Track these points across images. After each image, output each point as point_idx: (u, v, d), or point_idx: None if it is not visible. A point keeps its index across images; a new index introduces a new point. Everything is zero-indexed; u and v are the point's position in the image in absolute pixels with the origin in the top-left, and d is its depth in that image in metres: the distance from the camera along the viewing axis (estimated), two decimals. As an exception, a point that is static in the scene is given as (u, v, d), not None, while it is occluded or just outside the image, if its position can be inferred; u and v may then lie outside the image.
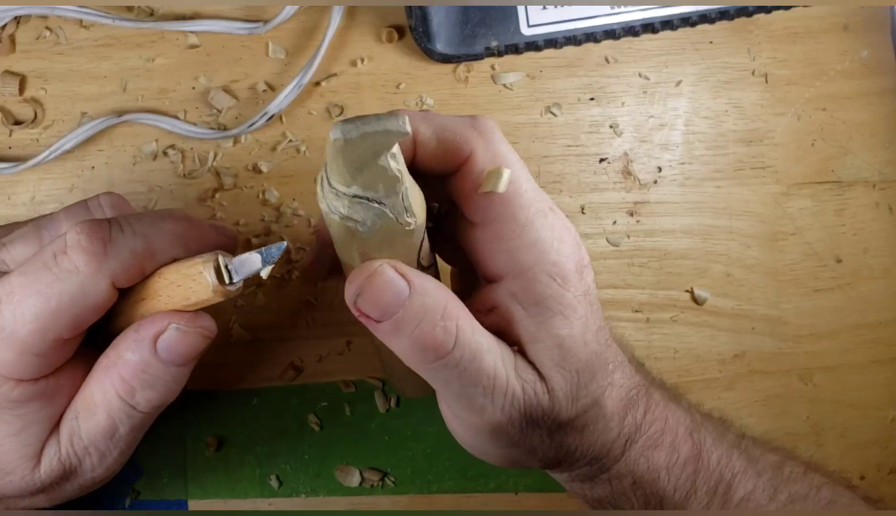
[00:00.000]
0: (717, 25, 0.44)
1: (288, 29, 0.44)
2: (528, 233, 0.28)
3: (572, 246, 0.29)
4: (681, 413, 0.33)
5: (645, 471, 0.31)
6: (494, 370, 0.27)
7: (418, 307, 0.26)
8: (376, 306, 0.26)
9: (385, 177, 0.25)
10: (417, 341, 0.27)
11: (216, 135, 0.43)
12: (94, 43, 0.43)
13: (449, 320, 0.27)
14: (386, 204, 0.25)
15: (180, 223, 0.30)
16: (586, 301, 0.29)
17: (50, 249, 0.28)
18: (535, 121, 0.45)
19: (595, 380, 0.29)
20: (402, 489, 0.42)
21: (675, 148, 0.45)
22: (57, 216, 0.31)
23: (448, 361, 0.27)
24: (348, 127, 0.24)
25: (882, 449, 0.46)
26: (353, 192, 0.25)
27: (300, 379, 0.43)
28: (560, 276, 0.28)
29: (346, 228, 0.26)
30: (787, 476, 0.33)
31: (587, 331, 0.29)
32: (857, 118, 0.46)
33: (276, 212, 0.43)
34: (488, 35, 0.42)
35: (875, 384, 0.46)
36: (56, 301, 0.27)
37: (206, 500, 0.42)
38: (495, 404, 0.28)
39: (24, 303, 0.27)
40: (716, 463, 0.32)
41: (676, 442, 0.31)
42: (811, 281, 0.46)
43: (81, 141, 0.42)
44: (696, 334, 0.45)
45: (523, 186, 0.28)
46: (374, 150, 0.24)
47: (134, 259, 0.28)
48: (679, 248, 0.45)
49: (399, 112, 0.24)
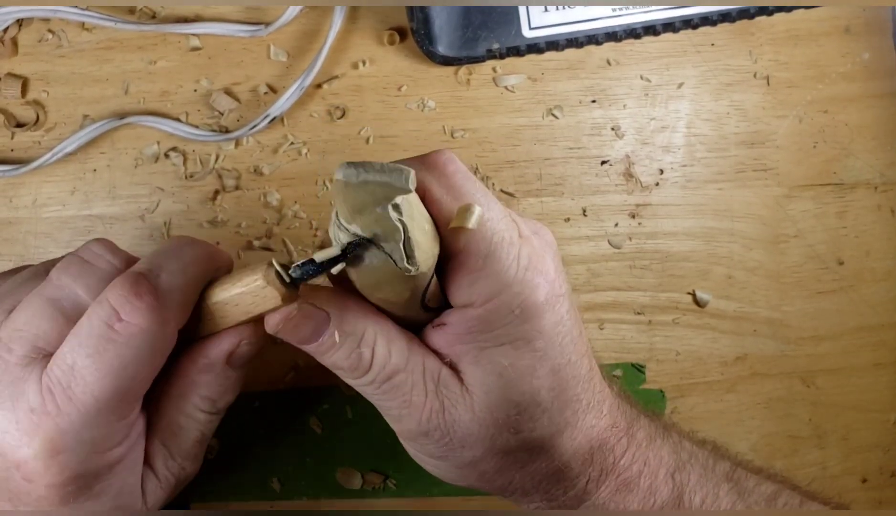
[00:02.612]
0: (719, 28, 0.44)
1: (289, 31, 0.44)
2: (491, 264, 0.27)
3: (545, 274, 0.28)
4: (665, 452, 0.32)
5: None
6: (410, 389, 0.29)
7: (336, 336, 0.28)
8: (294, 337, 0.28)
9: (384, 225, 0.24)
10: (335, 364, 0.29)
11: (218, 138, 0.43)
12: (96, 45, 0.43)
13: (366, 347, 0.28)
14: (384, 247, 0.25)
15: (196, 247, 0.30)
16: (552, 334, 0.28)
17: (98, 319, 0.27)
18: (537, 123, 0.45)
19: (546, 416, 0.29)
20: (403, 492, 0.42)
21: (677, 150, 0.45)
22: (61, 279, 0.29)
23: (364, 380, 0.29)
24: (351, 171, 0.24)
25: (884, 453, 0.46)
26: (353, 230, 0.25)
27: (302, 381, 0.43)
28: (521, 308, 0.28)
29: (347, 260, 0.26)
30: (780, 509, 0.32)
31: (540, 365, 0.28)
32: (859, 120, 0.46)
33: (278, 215, 0.43)
34: (490, 37, 0.42)
35: (877, 387, 0.46)
36: (133, 367, 0.27)
37: (208, 503, 0.41)
38: (411, 417, 0.29)
39: (100, 382, 0.27)
40: (699, 504, 0.31)
41: (655, 485, 0.31)
42: (813, 283, 0.46)
43: (83, 143, 0.42)
44: (698, 336, 0.45)
45: (485, 216, 0.27)
46: (374, 199, 0.24)
47: (185, 296, 0.29)
48: (681, 251, 0.45)
49: (406, 166, 0.24)
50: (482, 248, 0.27)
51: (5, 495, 0.27)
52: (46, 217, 0.43)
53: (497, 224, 0.28)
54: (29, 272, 0.31)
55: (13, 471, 0.27)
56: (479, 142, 0.44)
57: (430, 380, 0.29)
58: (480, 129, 0.44)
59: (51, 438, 0.26)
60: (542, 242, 0.29)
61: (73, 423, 0.27)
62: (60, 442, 0.26)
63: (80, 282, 0.28)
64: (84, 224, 0.43)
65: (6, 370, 0.27)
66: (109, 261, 0.30)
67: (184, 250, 0.30)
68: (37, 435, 0.26)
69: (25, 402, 0.26)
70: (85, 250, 0.30)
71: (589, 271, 0.44)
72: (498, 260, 0.27)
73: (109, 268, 0.29)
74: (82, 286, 0.28)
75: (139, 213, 0.43)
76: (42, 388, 0.26)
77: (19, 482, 0.27)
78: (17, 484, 0.27)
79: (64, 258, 0.30)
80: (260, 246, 0.43)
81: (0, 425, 0.27)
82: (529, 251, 0.28)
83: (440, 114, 0.44)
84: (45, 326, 0.27)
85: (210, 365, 0.31)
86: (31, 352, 0.27)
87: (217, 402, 0.32)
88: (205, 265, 0.30)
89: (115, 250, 0.30)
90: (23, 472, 0.27)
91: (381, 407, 0.30)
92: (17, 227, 0.43)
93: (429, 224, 0.27)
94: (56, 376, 0.27)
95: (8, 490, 0.27)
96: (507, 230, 0.28)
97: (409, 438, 0.30)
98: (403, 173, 0.24)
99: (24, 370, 0.27)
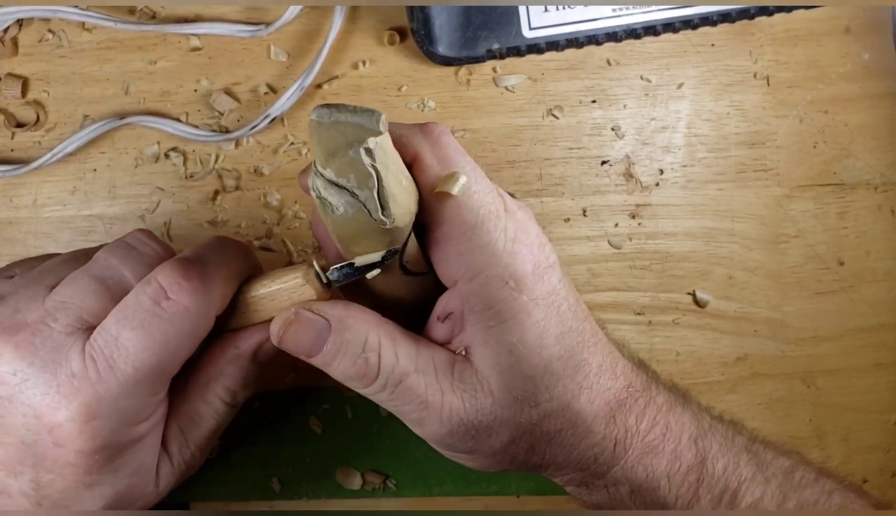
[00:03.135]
0: (719, 28, 0.44)
1: (290, 32, 0.44)
2: (479, 235, 0.28)
3: (530, 246, 0.28)
4: (686, 418, 0.32)
5: (644, 480, 0.31)
6: (425, 389, 0.29)
7: (339, 344, 0.28)
8: (298, 347, 0.29)
9: (357, 170, 0.25)
10: (343, 373, 0.29)
11: (218, 138, 0.43)
12: (97, 45, 0.43)
13: (371, 351, 0.28)
14: (358, 195, 0.25)
15: (237, 245, 0.32)
16: (547, 303, 0.29)
17: (146, 297, 0.28)
18: (537, 123, 0.45)
19: (561, 384, 0.29)
20: (403, 492, 0.42)
21: (677, 150, 0.45)
22: (108, 260, 0.30)
23: (375, 387, 0.29)
24: (324, 111, 0.24)
25: (885, 453, 0.46)
26: (328, 176, 0.25)
27: (302, 382, 0.43)
28: (514, 279, 0.28)
29: (323, 209, 0.26)
30: (798, 482, 0.32)
31: (545, 335, 0.28)
32: (859, 121, 0.46)
33: (278, 215, 0.43)
34: (490, 38, 0.42)
35: (878, 387, 0.46)
36: (174, 344, 0.28)
37: (208, 503, 0.41)
38: (432, 418, 0.29)
39: (141, 354, 0.28)
40: (721, 472, 0.31)
41: (679, 450, 0.31)
42: (813, 283, 0.46)
43: (84, 143, 0.42)
44: (699, 337, 0.45)
45: (472, 188, 0.28)
46: (346, 140, 0.24)
47: (227, 286, 0.30)
48: (681, 251, 0.45)
49: (380, 111, 0.24)
50: (469, 219, 0.28)
51: (29, 460, 0.28)
52: (47, 217, 0.43)
53: (484, 196, 0.28)
54: (68, 255, 0.32)
55: (44, 434, 0.27)
56: (480, 142, 0.44)
57: (444, 376, 0.29)
58: (481, 129, 0.44)
59: (88, 403, 0.27)
60: (525, 216, 0.29)
61: (111, 391, 0.27)
62: (97, 408, 0.27)
63: (126, 265, 0.30)
64: (84, 224, 0.43)
65: (50, 336, 0.28)
66: (154, 248, 0.31)
67: (227, 246, 0.32)
68: (75, 399, 0.27)
69: (68, 367, 0.27)
70: (131, 237, 0.32)
71: (589, 271, 0.44)
72: (486, 231, 0.28)
73: (154, 254, 0.31)
74: (128, 268, 0.30)
75: (139, 213, 0.43)
76: (85, 356, 0.27)
77: (48, 446, 0.28)
78: (46, 447, 0.28)
79: (110, 243, 0.31)
80: (260, 246, 0.43)
81: (40, 387, 0.27)
82: (515, 224, 0.28)
83: (440, 114, 0.44)
84: (91, 300, 0.28)
85: (240, 355, 0.32)
86: (76, 322, 0.28)
87: (238, 395, 0.33)
88: (244, 262, 0.32)
89: (159, 240, 0.32)
90: (55, 436, 0.27)
91: (401, 414, 0.30)
92: (17, 227, 0.43)
93: (407, 180, 0.27)
94: (99, 345, 0.28)
95: (34, 453, 0.28)
96: (493, 203, 0.28)
97: (436, 440, 0.30)
98: (374, 115, 0.24)
99: (68, 338, 0.28)
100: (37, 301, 0.29)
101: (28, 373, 0.27)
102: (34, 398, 0.27)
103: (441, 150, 0.28)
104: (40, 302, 0.28)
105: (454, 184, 0.27)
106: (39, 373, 0.27)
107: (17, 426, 0.27)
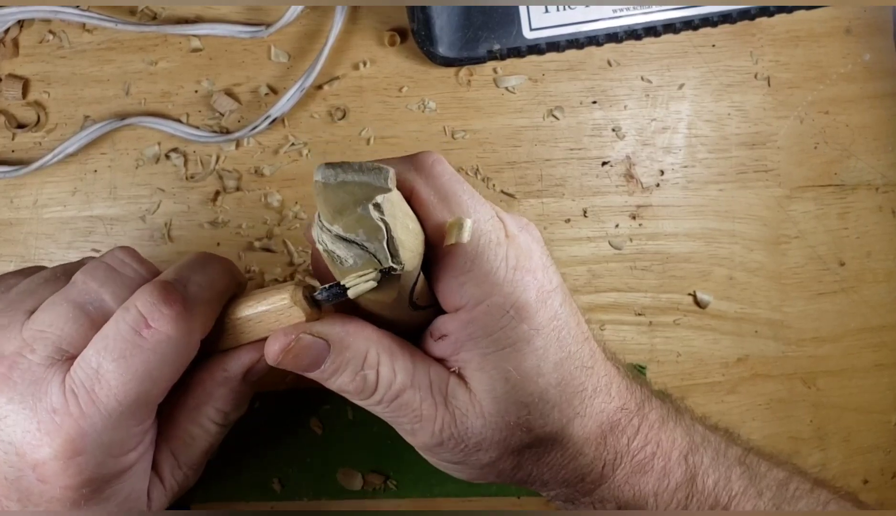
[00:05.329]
0: (720, 29, 0.44)
1: (290, 32, 0.44)
2: (479, 265, 0.27)
3: (533, 272, 0.28)
4: (678, 433, 0.32)
5: (630, 498, 0.31)
6: (420, 403, 0.29)
7: (338, 363, 0.28)
8: (296, 367, 0.28)
9: (367, 225, 0.24)
10: (341, 388, 0.29)
11: (219, 139, 0.43)
12: (97, 46, 0.43)
13: (369, 369, 0.28)
14: (368, 247, 0.25)
15: (220, 262, 0.31)
16: (548, 330, 0.28)
17: (126, 325, 0.27)
18: (538, 124, 0.45)
19: (556, 410, 0.29)
20: (404, 492, 0.42)
21: (678, 151, 0.45)
22: (87, 284, 0.29)
23: (372, 401, 0.29)
24: (329, 172, 0.24)
25: (886, 454, 0.46)
26: (336, 232, 0.25)
27: (302, 382, 0.43)
28: (514, 308, 0.27)
29: (331, 262, 0.26)
30: (792, 493, 0.32)
31: (543, 362, 0.28)
32: (860, 121, 0.46)
33: (279, 216, 0.43)
34: (490, 38, 0.42)
35: (878, 388, 0.46)
36: (157, 373, 0.28)
37: (208, 503, 0.41)
38: (424, 430, 0.29)
39: (124, 386, 0.27)
40: (711, 487, 0.31)
41: (668, 467, 0.31)
42: (814, 284, 0.46)
43: (84, 144, 0.42)
44: (699, 338, 0.45)
45: (471, 218, 0.27)
46: (354, 199, 0.24)
47: (211, 308, 0.29)
48: (682, 252, 0.45)
49: (386, 165, 0.24)
50: (469, 250, 0.27)
51: (14, 495, 0.27)
52: (47, 218, 0.43)
53: (484, 225, 0.28)
54: (48, 273, 0.31)
55: (28, 471, 0.27)
56: (480, 143, 0.44)
57: (438, 392, 0.29)
58: (481, 129, 0.44)
59: (72, 439, 0.26)
60: (528, 238, 0.29)
61: (94, 426, 0.27)
62: (81, 444, 0.27)
63: (106, 288, 0.28)
64: (85, 225, 0.43)
65: (28, 369, 0.27)
66: (135, 270, 0.30)
67: (210, 264, 0.30)
68: (58, 436, 0.26)
69: (48, 403, 0.26)
70: (110, 257, 0.30)
71: (589, 272, 0.44)
72: (486, 261, 0.27)
73: (135, 276, 0.29)
74: (108, 292, 0.28)
75: (140, 214, 0.43)
76: (65, 390, 0.27)
77: (32, 482, 0.27)
78: (30, 484, 0.27)
79: (89, 263, 0.30)
80: (261, 247, 0.43)
81: (21, 425, 0.27)
82: (517, 250, 0.28)
83: (441, 115, 0.44)
84: (70, 329, 0.27)
85: (228, 378, 0.31)
86: (55, 353, 0.27)
87: (229, 415, 0.33)
88: (228, 281, 0.30)
89: (141, 259, 0.31)
90: (38, 473, 0.27)
91: (395, 424, 0.30)
92: (17, 228, 0.43)
93: (413, 222, 0.26)
94: (80, 378, 0.27)
95: (18, 489, 0.27)
96: (493, 231, 0.28)
97: (426, 449, 0.30)
98: (382, 172, 0.24)
99: (47, 371, 0.27)
100: (14, 329, 0.28)
101: (7, 410, 0.26)
102: (14, 436, 0.26)
103: (436, 182, 0.28)
104: (17, 330, 0.27)
105: (462, 232, 0.27)
106: (19, 410, 0.26)
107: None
